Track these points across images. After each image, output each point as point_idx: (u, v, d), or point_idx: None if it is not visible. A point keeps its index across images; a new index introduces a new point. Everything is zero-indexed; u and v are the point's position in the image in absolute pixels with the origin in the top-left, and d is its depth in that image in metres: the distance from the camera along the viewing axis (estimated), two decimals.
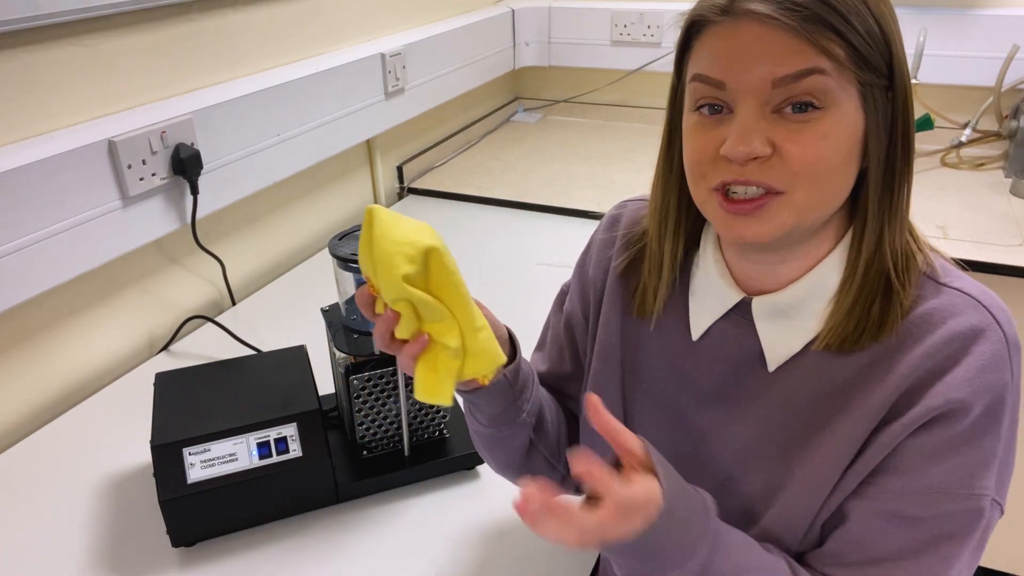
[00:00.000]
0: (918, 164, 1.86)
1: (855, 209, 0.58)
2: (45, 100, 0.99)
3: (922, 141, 1.79)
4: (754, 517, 0.63)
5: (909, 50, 1.69)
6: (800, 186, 0.53)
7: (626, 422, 0.70)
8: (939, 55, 1.75)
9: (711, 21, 0.54)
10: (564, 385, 0.77)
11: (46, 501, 0.91)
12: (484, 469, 0.94)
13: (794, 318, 0.60)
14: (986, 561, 1.67)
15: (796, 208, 0.54)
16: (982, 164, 1.70)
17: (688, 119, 0.58)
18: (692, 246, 0.67)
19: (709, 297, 0.64)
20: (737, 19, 0.52)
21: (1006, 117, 1.65)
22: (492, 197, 1.68)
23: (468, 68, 1.89)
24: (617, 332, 0.71)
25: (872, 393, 0.56)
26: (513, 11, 2.08)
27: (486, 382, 0.62)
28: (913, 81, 1.76)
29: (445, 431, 0.94)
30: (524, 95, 2.34)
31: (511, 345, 0.66)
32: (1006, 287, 1.36)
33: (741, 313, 0.62)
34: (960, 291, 0.56)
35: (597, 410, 0.53)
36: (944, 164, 1.72)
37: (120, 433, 1.02)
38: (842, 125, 0.52)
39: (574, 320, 0.76)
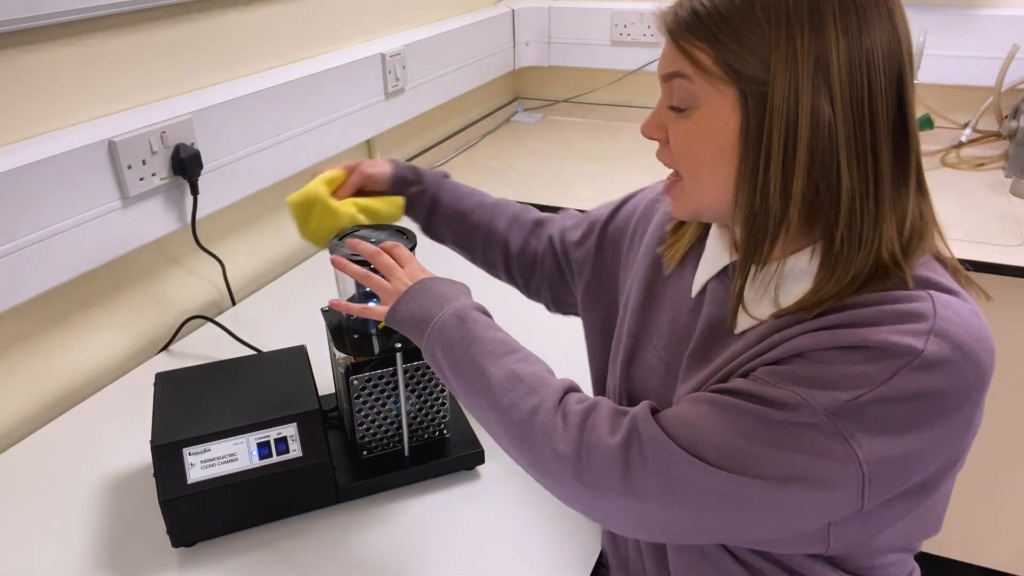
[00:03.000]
0: None
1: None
2: (45, 100, 0.99)
3: (922, 141, 1.79)
4: None
5: None
6: (686, 175, 0.62)
7: (628, 371, 0.76)
8: (939, 55, 1.75)
9: None
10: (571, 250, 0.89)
11: (46, 501, 0.91)
12: (484, 469, 0.94)
13: (770, 289, 0.62)
14: (986, 560, 1.67)
15: (687, 193, 0.63)
16: (982, 164, 1.70)
17: None
18: None
19: (710, 257, 0.69)
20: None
21: (1006, 117, 1.65)
22: None
23: (468, 68, 1.89)
24: (642, 295, 0.77)
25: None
26: (513, 11, 2.08)
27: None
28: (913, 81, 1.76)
29: (445, 431, 0.94)
30: (524, 95, 2.34)
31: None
32: (1006, 287, 1.36)
33: (729, 277, 0.67)
34: (926, 288, 0.57)
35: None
36: (944, 164, 1.72)
37: (120, 433, 1.02)
38: (708, 124, 0.58)
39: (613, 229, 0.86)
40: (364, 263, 0.82)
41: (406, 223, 0.92)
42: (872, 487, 0.54)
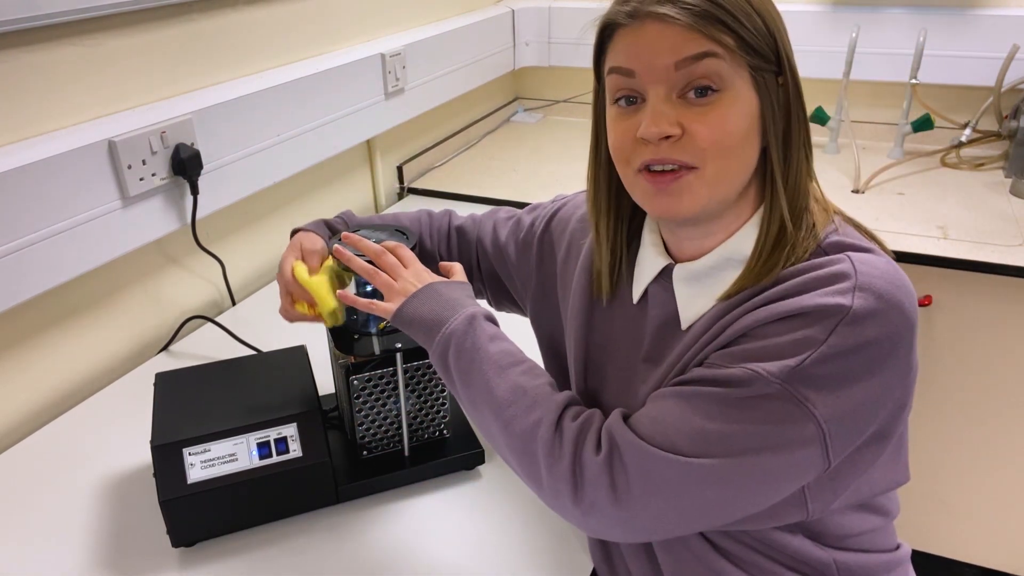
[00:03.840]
0: (918, 164, 1.86)
1: (764, 187, 0.65)
2: (45, 100, 0.99)
3: (922, 141, 1.80)
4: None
5: (909, 50, 1.70)
6: (709, 161, 0.60)
7: (585, 384, 0.79)
8: (939, 55, 1.75)
9: (620, 25, 0.62)
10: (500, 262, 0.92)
11: (46, 501, 0.91)
12: (484, 469, 0.94)
13: (707, 282, 0.66)
14: (985, 560, 1.67)
15: (707, 181, 0.61)
16: (982, 164, 1.70)
17: (609, 113, 0.66)
18: (637, 229, 0.75)
19: (646, 265, 0.72)
20: (642, 21, 0.60)
21: (1006, 117, 1.65)
22: (492, 197, 1.68)
23: (468, 68, 1.89)
24: (584, 311, 0.78)
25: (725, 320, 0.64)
26: (513, 11, 2.08)
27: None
28: (913, 81, 1.77)
29: (445, 431, 0.94)
30: (524, 95, 2.34)
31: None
32: (1006, 287, 1.36)
33: (667, 279, 0.70)
34: (845, 257, 0.61)
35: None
36: (944, 164, 1.72)
37: (120, 433, 1.02)
38: (738, 105, 0.60)
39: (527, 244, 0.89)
40: (366, 262, 0.82)
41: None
42: (834, 442, 0.58)
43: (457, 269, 0.81)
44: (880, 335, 0.57)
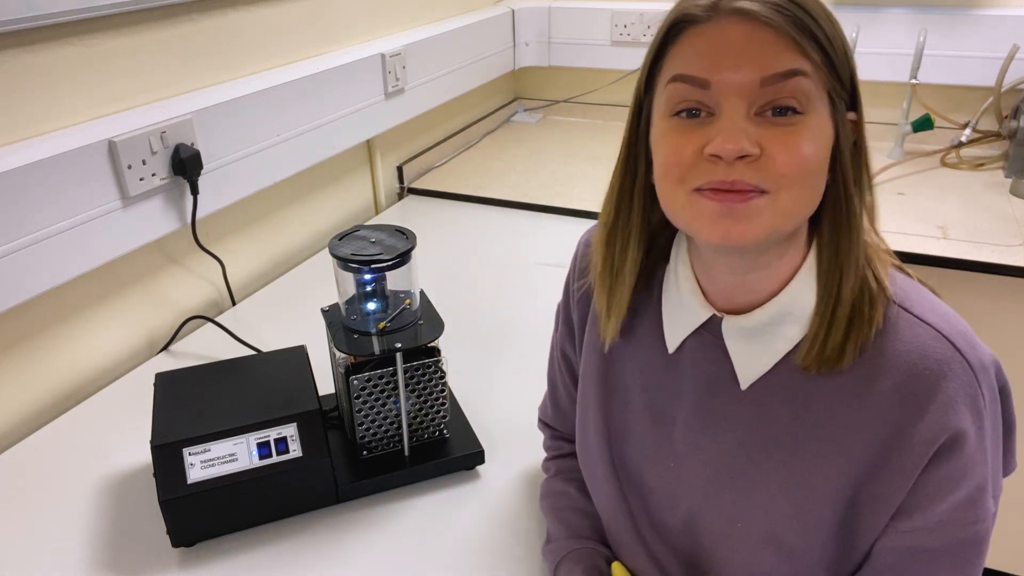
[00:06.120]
0: (918, 164, 1.86)
1: (814, 228, 0.59)
2: (45, 100, 0.99)
3: (922, 141, 1.79)
4: (736, 534, 0.64)
5: (909, 50, 1.70)
6: (784, 187, 0.53)
7: (611, 441, 0.71)
8: (939, 55, 1.75)
9: (695, 21, 0.53)
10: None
11: (46, 501, 0.91)
12: (484, 469, 0.94)
13: (764, 340, 0.60)
14: (986, 560, 1.67)
15: (780, 209, 0.53)
16: (982, 164, 1.70)
17: (661, 125, 0.57)
18: (660, 260, 0.67)
19: (681, 311, 0.64)
20: (723, 18, 0.52)
21: (1006, 117, 1.65)
22: (492, 197, 1.68)
23: (468, 68, 1.89)
24: (596, 355, 0.72)
25: (852, 427, 0.58)
26: (513, 11, 2.08)
27: None
28: (913, 81, 1.77)
29: (445, 431, 0.94)
30: (524, 95, 2.34)
31: None
32: (1006, 287, 1.36)
33: (711, 331, 0.62)
34: (921, 321, 0.57)
35: None
36: (944, 164, 1.72)
37: (120, 433, 1.02)
38: (820, 131, 0.53)
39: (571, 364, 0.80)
40: (365, 263, 0.82)
41: None
42: None
43: None
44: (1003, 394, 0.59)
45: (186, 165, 1.10)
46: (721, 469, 0.63)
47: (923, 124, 1.66)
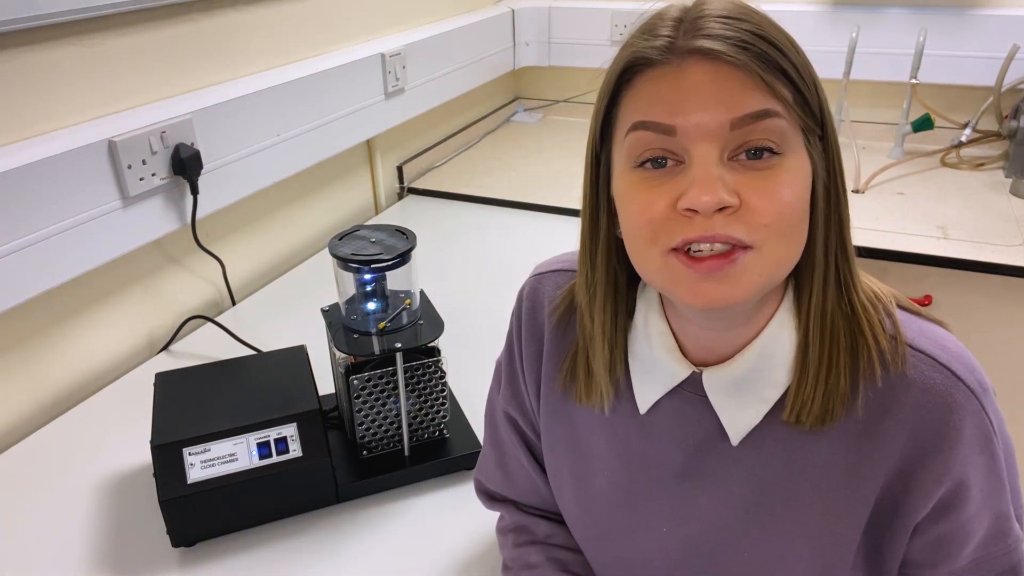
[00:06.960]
0: (918, 164, 1.86)
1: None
2: (45, 100, 0.99)
3: (922, 141, 1.79)
4: None
5: (909, 50, 1.70)
6: (770, 239, 0.47)
7: (586, 509, 0.66)
8: (939, 55, 1.75)
9: (651, 63, 0.48)
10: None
11: (46, 501, 0.91)
12: None
13: (750, 388, 0.55)
14: None
15: (768, 264, 0.48)
16: (982, 164, 1.70)
17: (626, 178, 0.51)
18: (626, 316, 0.61)
19: (654, 369, 0.58)
20: (682, 59, 0.47)
21: (1006, 117, 1.65)
22: (492, 197, 1.68)
23: (468, 68, 1.89)
24: (562, 418, 0.66)
25: (856, 474, 0.54)
26: (513, 11, 2.08)
27: None
28: (913, 81, 1.77)
29: (445, 431, 0.94)
30: (524, 95, 2.34)
31: None
32: (1006, 287, 1.36)
33: (692, 388, 0.57)
34: (921, 352, 0.53)
35: None
36: (944, 164, 1.72)
37: (120, 433, 1.02)
38: (798, 172, 0.48)
39: (523, 423, 0.72)
40: (365, 262, 0.82)
41: None
42: None
43: None
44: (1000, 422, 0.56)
45: (186, 165, 1.10)
46: (725, 532, 0.59)
47: (923, 124, 1.66)
